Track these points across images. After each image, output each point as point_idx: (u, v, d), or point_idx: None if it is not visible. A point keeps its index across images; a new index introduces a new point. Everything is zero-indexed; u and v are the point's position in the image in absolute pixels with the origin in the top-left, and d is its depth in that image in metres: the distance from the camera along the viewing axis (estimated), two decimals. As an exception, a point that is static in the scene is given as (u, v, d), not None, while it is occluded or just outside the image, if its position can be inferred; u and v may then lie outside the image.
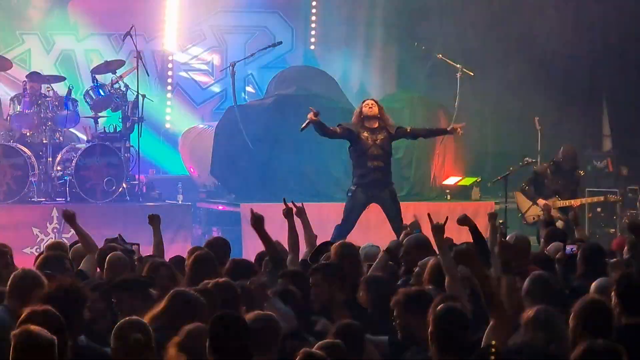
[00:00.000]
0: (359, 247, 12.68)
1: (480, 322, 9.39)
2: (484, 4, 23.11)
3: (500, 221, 18.36)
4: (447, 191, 21.81)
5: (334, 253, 12.09)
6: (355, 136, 17.33)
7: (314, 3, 24.70)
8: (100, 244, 13.31)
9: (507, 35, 22.81)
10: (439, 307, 8.82)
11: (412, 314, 9.54)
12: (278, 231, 13.62)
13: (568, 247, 12.36)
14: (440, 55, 22.10)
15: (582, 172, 20.14)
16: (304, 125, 17.50)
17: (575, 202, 19.05)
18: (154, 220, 13.47)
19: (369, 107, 17.44)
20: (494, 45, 22.68)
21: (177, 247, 13.55)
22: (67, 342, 8.13)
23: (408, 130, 17.90)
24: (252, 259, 13.96)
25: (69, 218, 13.22)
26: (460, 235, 13.07)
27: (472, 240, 12.56)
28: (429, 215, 11.30)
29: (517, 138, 22.21)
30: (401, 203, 20.06)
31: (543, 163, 20.33)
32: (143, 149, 21.12)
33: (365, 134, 17.32)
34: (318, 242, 13.20)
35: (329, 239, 13.34)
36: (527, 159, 20.53)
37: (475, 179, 22.02)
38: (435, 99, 22.60)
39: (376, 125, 17.36)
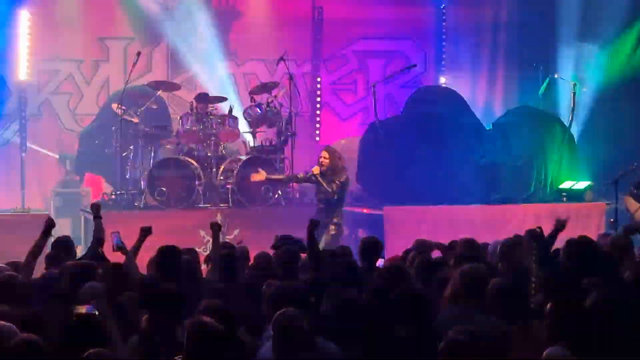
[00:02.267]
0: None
1: None
2: (590, 26, 22.83)
3: (612, 220, 18.28)
4: (564, 194, 21.63)
5: None
6: None
7: (444, 30, 24.66)
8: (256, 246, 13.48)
9: (617, 58, 22.53)
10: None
11: None
12: (415, 231, 13.70)
13: None
14: (557, 75, 22.02)
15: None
16: None
17: None
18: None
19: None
20: (606, 65, 22.42)
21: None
22: (235, 333, 8.16)
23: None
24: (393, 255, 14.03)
25: None
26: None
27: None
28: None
29: (625, 146, 21.92)
30: (524, 205, 20.05)
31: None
32: (296, 160, 21.25)
33: None
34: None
35: (456, 239, 13.17)
36: (635, 164, 20.33)
37: (589, 183, 21.82)
38: (552, 113, 22.42)
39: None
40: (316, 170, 18.05)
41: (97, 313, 7.88)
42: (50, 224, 12.06)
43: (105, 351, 7.59)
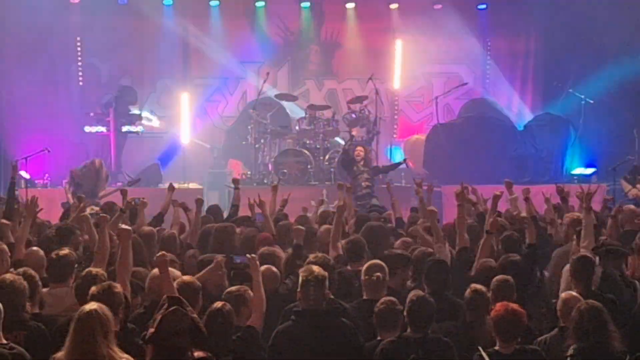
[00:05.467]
0: None
1: None
2: (597, 50, 22.38)
3: (611, 197, 18.01)
4: (575, 178, 21.38)
5: None
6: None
7: (488, 58, 24.45)
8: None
9: (615, 72, 22.10)
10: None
11: None
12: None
13: None
14: (571, 90, 21.76)
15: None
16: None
17: None
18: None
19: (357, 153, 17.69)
20: (608, 80, 22.02)
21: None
22: (332, 277, 8.12)
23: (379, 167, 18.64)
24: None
25: None
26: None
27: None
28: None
29: (622, 141, 21.58)
30: (546, 185, 19.84)
31: (640, 160, 19.92)
32: (380, 151, 21.24)
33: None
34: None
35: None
36: (628, 156, 20.05)
37: (594, 169, 21.58)
38: (567, 118, 22.16)
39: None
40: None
41: (247, 263, 7.97)
42: (200, 201, 12.14)
43: (249, 288, 7.68)
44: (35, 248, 9.30)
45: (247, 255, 8.18)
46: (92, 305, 6.14)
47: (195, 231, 11.28)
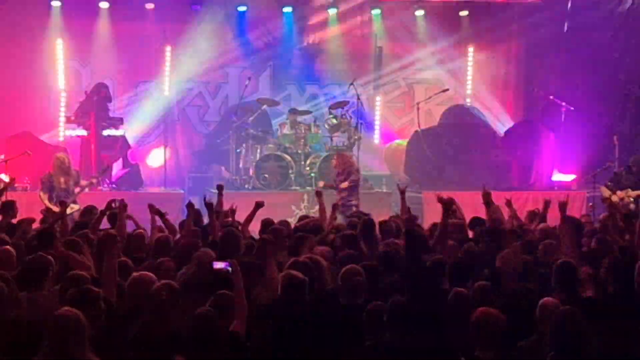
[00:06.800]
0: None
1: None
2: (577, 57, 22.45)
3: (590, 204, 18.09)
4: (555, 185, 21.44)
5: None
6: None
7: (469, 63, 24.54)
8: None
9: (595, 79, 22.22)
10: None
11: None
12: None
13: None
14: (552, 97, 21.83)
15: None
16: None
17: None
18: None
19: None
20: (588, 87, 22.14)
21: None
22: (313, 287, 8.10)
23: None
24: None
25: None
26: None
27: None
28: None
29: (602, 148, 21.66)
30: (526, 192, 19.88)
31: (620, 167, 19.91)
32: (361, 156, 21.20)
33: None
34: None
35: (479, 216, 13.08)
36: (609, 163, 20.12)
37: (574, 176, 21.65)
38: (548, 124, 22.21)
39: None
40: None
41: (230, 269, 7.93)
42: (158, 212, 11.96)
43: (230, 293, 7.65)
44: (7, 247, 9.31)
45: (229, 260, 8.16)
46: (65, 311, 6.14)
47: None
